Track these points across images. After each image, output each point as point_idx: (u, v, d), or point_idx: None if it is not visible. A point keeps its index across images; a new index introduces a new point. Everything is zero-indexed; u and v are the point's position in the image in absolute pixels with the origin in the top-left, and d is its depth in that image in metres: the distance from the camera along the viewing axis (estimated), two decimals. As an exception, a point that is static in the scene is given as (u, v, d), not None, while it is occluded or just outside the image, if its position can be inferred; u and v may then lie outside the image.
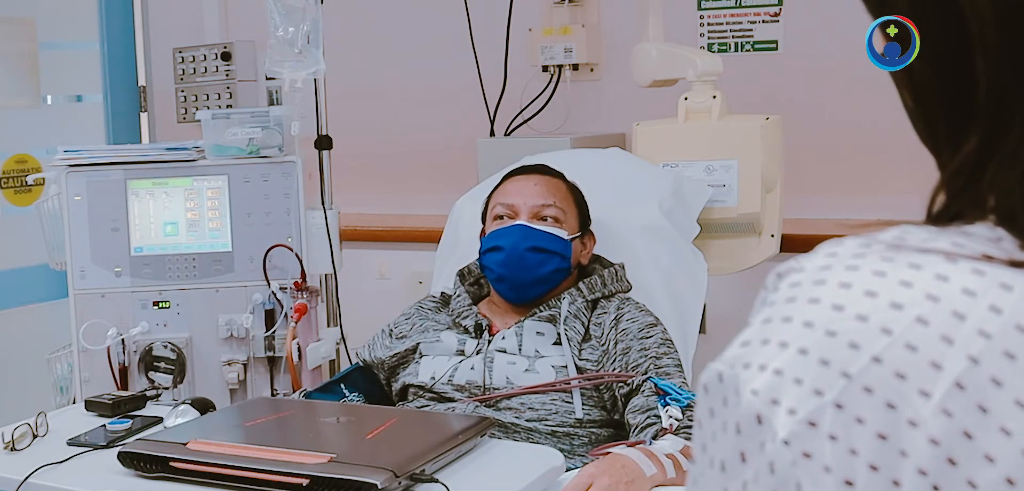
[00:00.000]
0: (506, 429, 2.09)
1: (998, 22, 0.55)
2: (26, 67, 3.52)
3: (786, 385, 0.53)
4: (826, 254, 0.57)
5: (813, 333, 0.53)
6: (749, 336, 0.56)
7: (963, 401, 0.50)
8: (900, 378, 0.51)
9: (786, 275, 0.57)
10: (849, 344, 0.52)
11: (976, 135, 0.57)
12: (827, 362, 0.52)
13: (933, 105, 0.60)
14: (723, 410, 0.55)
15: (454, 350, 2.23)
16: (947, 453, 0.50)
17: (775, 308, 0.56)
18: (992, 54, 0.56)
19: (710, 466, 0.56)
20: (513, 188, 2.34)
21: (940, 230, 0.56)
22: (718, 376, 0.56)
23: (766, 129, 2.67)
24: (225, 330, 2.69)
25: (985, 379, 0.50)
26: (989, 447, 0.50)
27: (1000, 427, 0.50)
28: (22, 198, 3.48)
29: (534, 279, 2.24)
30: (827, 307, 0.54)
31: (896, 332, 0.52)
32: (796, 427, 0.52)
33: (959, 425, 0.50)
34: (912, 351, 0.51)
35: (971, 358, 0.51)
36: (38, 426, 2.03)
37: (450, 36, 3.60)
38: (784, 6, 3.21)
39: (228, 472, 1.72)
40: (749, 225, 2.68)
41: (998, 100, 0.56)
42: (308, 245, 2.74)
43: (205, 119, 2.72)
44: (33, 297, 3.35)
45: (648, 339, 2.15)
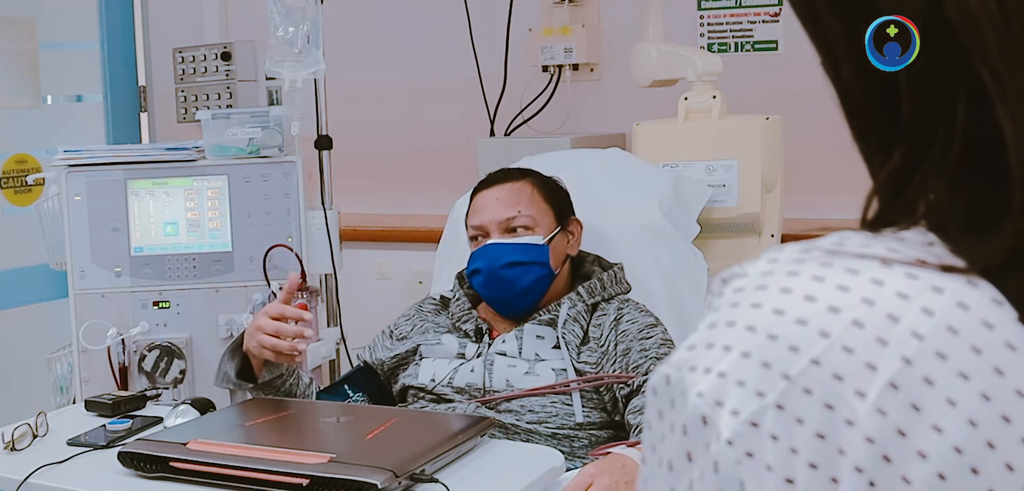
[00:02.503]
0: (506, 431, 2.09)
1: (922, 38, 0.56)
2: (26, 67, 3.52)
3: (730, 387, 0.54)
4: (768, 260, 0.58)
5: (755, 337, 0.55)
6: (695, 340, 0.58)
7: (897, 400, 0.52)
8: (837, 379, 0.53)
9: (730, 280, 0.59)
10: (789, 347, 0.54)
11: (902, 147, 0.59)
12: (768, 364, 0.54)
13: (864, 115, 0.62)
14: (671, 412, 0.57)
15: (455, 353, 2.23)
16: (882, 450, 0.51)
17: (720, 313, 0.57)
18: (915, 73, 0.57)
19: (659, 466, 0.57)
20: (480, 204, 2.30)
21: (876, 236, 0.58)
22: (666, 379, 0.58)
23: (766, 129, 2.67)
24: (225, 330, 2.69)
25: (918, 379, 0.52)
26: (922, 444, 0.51)
27: (932, 425, 0.51)
28: (22, 198, 3.48)
29: (518, 293, 2.23)
30: (768, 311, 0.55)
31: (834, 335, 0.53)
32: (739, 428, 0.54)
33: (893, 423, 0.51)
34: (849, 353, 0.53)
35: (904, 359, 0.52)
36: (38, 426, 2.03)
37: (450, 36, 3.60)
38: (784, 6, 3.21)
39: (228, 472, 1.72)
40: (749, 225, 2.68)
41: (922, 114, 0.58)
42: (308, 245, 2.74)
43: (205, 119, 2.72)
44: (33, 297, 3.35)
45: (648, 340, 2.15)
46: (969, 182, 0.57)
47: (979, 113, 0.56)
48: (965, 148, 0.56)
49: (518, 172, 2.35)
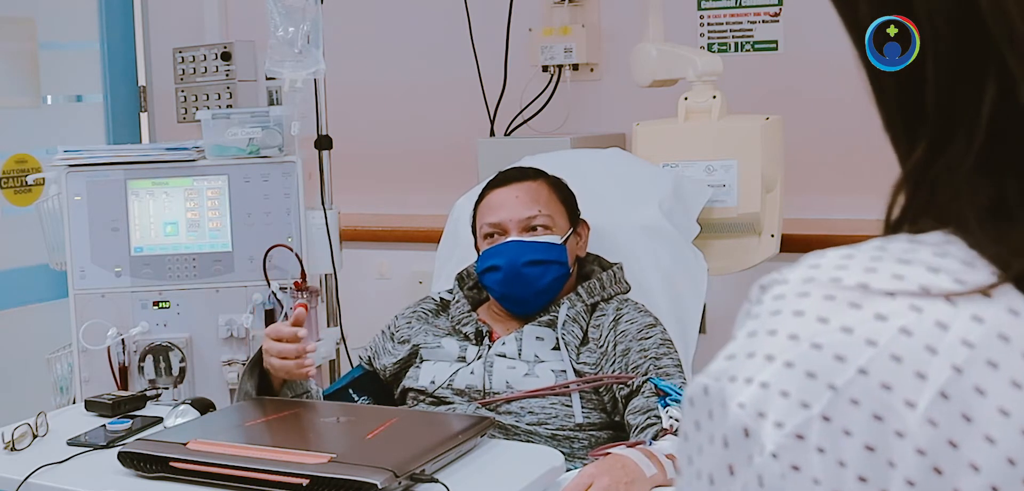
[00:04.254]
0: (506, 432, 2.09)
1: (952, 30, 0.56)
2: (26, 67, 3.52)
3: (773, 398, 0.53)
4: (809, 266, 0.57)
5: (798, 346, 0.54)
6: (734, 349, 0.56)
7: (948, 410, 0.51)
8: (886, 389, 0.51)
9: (769, 287, 0.57)
10: (835, 356, 0.53)
11: (927, 136, 0.58)
12: (813, 374, 0.53)
13: (892, 103, 0.61)
14: (709, 423, 0.55)
15: (455, 357, 2.23)
16: (933, 463, 0.50)
17: (759, 321, 0.56)
18: (943, 60, 0.57)
19: (697, 478, 0.56)
20: (497, 202, 2.29)
21: (918, 240, 0.57)
22: (704, 389, 0.56)
23: (766, 129, 2.67)
24: (225, 330, 2.69)
25: (969, 388, 0.51)
26: (974, 456, 0.50)
27: (984, 435, 0.50)
28: (22, 198, 3.48)
29: (536, 292, 2.22)
30: (812, 320, 0.54)
31: (881, 343, 0.52)
32: (784, 440, 0.52)
33: (944, 434, 0.50)
34: (897, 362, 0.52)
35: (955, 367, 0.51)
36: (38, 426, 2.03)
37: (450, 36, 3.60)
38: (784, 6, 3.21)
39: (228, 472, 1.72)
40: (749, 225, 2.68)
41: (948, 103, 0.57)
42: (308, 245, 2.74)
43: (205, 119, 2.72)
44: (33, 297, 3.35)
45: (647, 340, 2.15)
46: (992, 172, 0.56)
47: (1006, 104, 0.55)
48: (989, 138, 0.56)
49: (533, 172, 2.35)
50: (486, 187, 2.36)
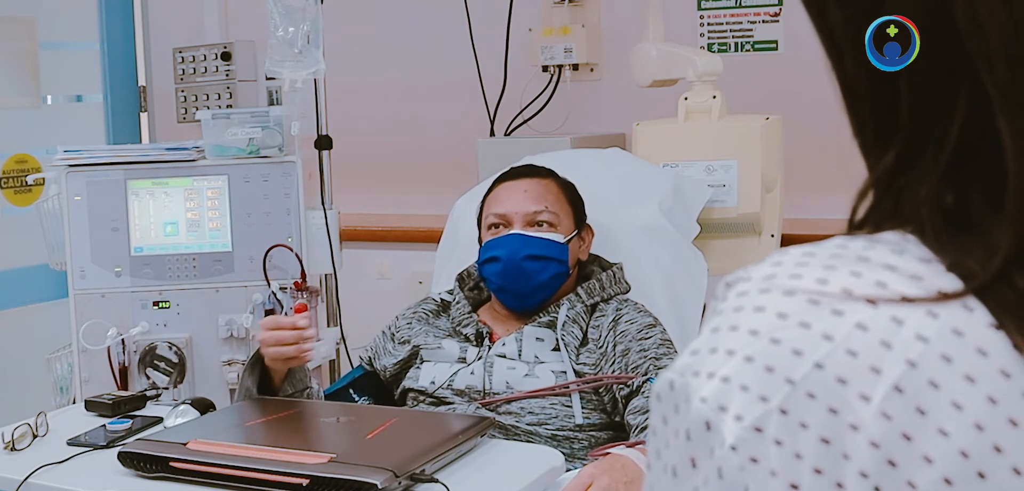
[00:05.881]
0: (506, 433, 2.09)
1: (926, 39, 0.56)
2: (26, 67, 3.52)
3: (733, 392, 0.54)
4: (771, 263, 0.58)
5: (758, 340, 0.55)
6: (698, 344, 0.57)
7: (902, 404, 0.51)
8: (841, 383, 0.52)
9: (734, 284, 0.59)
10: (792, 351, 0.54)
11: (897, 147, 0.59)
12: (772, 369, 0.54)
13: (863, 111, 0.62)
14: (675, 417, 0.56)
15: (455, 357, 2.23)
16: (887, 455, 0.51)
17: (723, 317, 0.57)
18: (917, 76, 0.57)
19: (664, 472, 0.57)
20: (505, 194, 2.30)
21: (877, 239, 0.58)
22: (669, 384, 0.57)
23: (766, 129, 2.67)
24: (225, 330, 2.69)
25: (923, 382, 0.52)
26: (927, 448, 0.51)
27: (938, 428, 0.51)
28: (22, 198, 3.48)
29: (534, 287, 2.23)
30: (772, 315, 0.55)
31: (837, 338, 0.53)
32: (743, 433, 0.53)
33: (898, 428, 0.51)
34: (852, 357, 0.53)
35: (909, 362, 0.52)
36: (38, 426, 2.03)
37: (450, 36, 3.60)
38: (784, 6, 3.21)
39: (228, 472, 1.72)
40: (749, 225, 2.68)
41: (920, 115, 0.58)
42: (308, 245, 2.74)
43: (205, 119, 2.72)
44: (33, 297, 3.35)
45: (647, 340, 2.15)
46: (959, 183, 0.57)
47: (977, 119, 0.56)
48: (958, 153, 0.56)
49: (545, 170, 2.36)
50: (496, 180, 2.37)
